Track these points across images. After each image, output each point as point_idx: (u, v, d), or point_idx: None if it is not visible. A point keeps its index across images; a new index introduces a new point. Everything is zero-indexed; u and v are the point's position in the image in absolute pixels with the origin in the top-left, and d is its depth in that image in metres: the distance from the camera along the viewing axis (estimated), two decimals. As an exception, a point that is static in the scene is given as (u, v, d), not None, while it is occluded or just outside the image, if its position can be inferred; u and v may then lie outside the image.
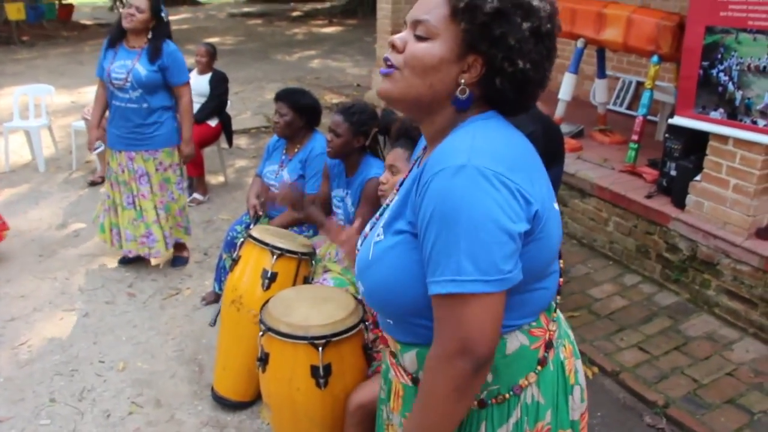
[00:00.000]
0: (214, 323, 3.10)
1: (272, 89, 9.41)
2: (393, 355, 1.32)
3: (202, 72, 5.44)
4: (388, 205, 1.32)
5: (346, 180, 3.04)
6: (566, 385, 1.30)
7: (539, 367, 1.23)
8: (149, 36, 3.76)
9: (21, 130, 6.47)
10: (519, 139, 1.18)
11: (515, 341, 1.20)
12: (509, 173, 1.06)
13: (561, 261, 1.30)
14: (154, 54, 3.72)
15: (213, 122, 5.43)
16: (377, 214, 1.36)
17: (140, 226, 3.99)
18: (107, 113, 3.96)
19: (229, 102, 5.68)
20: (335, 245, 2.88)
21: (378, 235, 1.21)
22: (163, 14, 3.80)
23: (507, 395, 1.22)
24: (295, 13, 22.41)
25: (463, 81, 1.14)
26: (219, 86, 5.44)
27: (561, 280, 1.31)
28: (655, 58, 4.38)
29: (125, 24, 3.68)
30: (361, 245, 1.31)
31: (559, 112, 5.04)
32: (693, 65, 3.66)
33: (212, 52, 5.51)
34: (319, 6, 25.43)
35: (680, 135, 3.93)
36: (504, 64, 1.11)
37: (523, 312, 1.19)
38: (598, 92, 5.41)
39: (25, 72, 11.14)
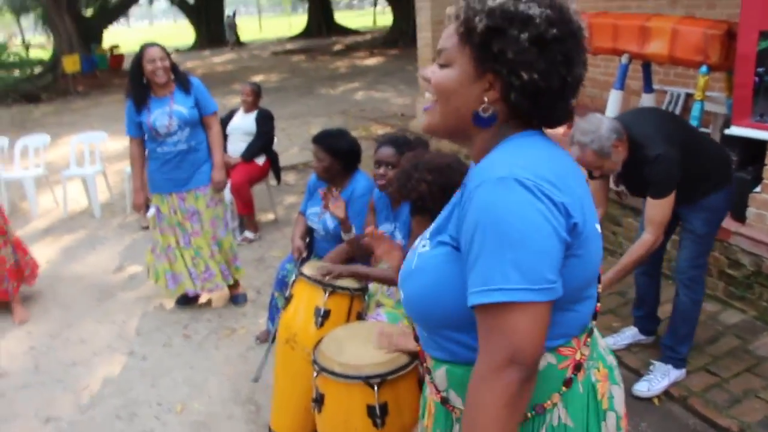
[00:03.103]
0: (256, 379, 3.09)
1: (318, 124, 9.55)
2: (428, 371, 1.33)
3: (248, 110, 5.54)
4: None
5: (393, 213, 3.00)
6: (598, 410, 1.26)
7: (564, 388, 1.20)
8: (172, 78, 3.85)
9: (78, 178, 6.69)
10: (560, 155, 1.19)
11: (543, 360, 1.18)
12: (549, 185, 1.07)
13: (599, 286, 1.29)
14: (186, 90, 3.85)
15: (261, 160, 5.51)
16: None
17: (200, 263, 4.06)
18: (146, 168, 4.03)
19: (275, 139, 5.76)
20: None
21: (423, 246, 1.24)
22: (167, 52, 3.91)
23: (529, 414, 1.20)
24: (336, 47, 22.80)
25: (486, 99, 1.16)
26: (265, 124, 5.52)
27: (598, 305, 1.29)
28: (703, 69, 4.25)
29: (159, 80, 3.75)
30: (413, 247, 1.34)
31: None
32: (748, 72, 3.55)
33: (257, 91, 5.61)
34: (360, 39, 25.86)
35: (736, 145, 3.80)
36: (511, 78, 1.12)
37: (555, 333, 1.16)
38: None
39: (81, 120, 11.58)
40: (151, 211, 4.06)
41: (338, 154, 3.26)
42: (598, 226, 1.21)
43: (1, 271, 4.20)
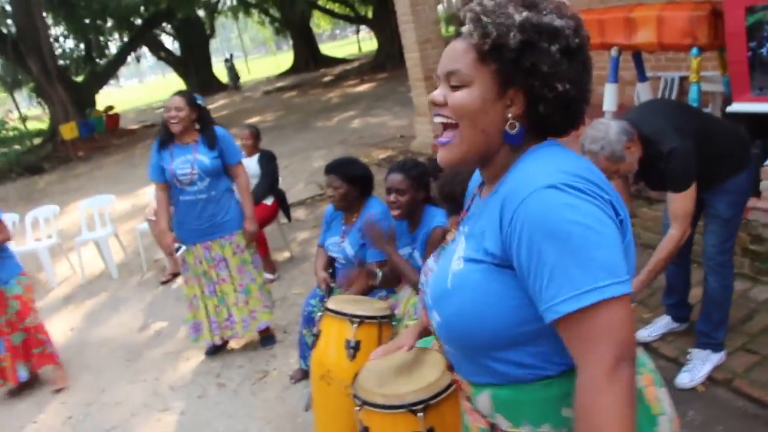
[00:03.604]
0: (308, 408, 3.08)
1: (319, 157, 9.60)
2: (468, 399, 1.30)
3: (249, 154, 5.58)
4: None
5: (410, 236, 3.02)
6: (649, 416, 1.22)
7: None
8: (197, 127, 3.87)
9: (91, 242, 6.75)
10: (582, 158, 1.18)
11: None
12: (593, 186, 1.07)
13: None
14: (211, 142, 3.83)
15: (269, 201, 5.54)
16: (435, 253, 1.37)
17: (222, 310, 4.06)
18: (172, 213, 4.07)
19: (280, 178, 5.79)
20: (412, 302, 2.85)
21: (457, 264, 1.20)
22: (199, 102, 3.89)
23: None
24: (326, 79, 22.98)
25: (510, 115, 1.15)
26: (268, 165, 5.56)
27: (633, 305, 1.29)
28: (694, 51, 4.26)
29: (173, 129, 3.78)
30: (433, 267, 1.31)
31: (609, 123, 4.94)
32: (740, 49, 3.56)
33: (256, 133, 5.66)
34: (348, 67, 26.05)
35: (740, 122, 3.79)
36: (544, 91, 1.11)
37: None
38: (643, 96, 5.29)
39: (86, 185, 11.69)
40: (182, 249, 4.00)
41: (353, 180, 3.31)
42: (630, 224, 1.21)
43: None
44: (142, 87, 66.99)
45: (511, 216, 1.08)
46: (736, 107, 3.68)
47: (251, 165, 5.52)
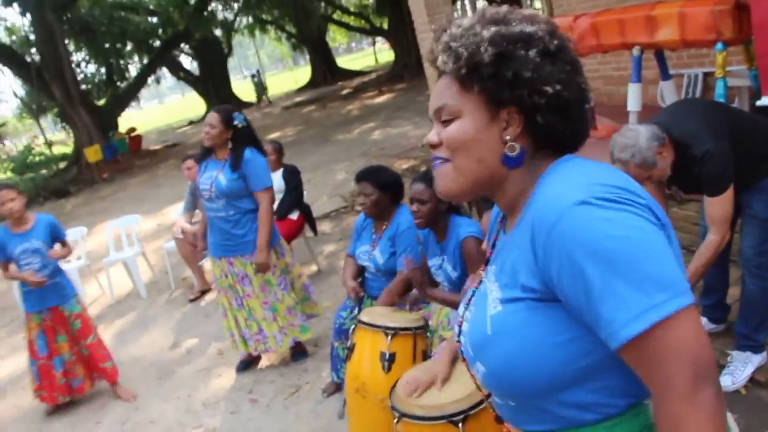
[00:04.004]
0: (342, 415, 3.06)
1: (341, 170, 9.62)
2: None
3: (273, 169, 5.59)
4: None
5: (439, 246, 2.99)
6: None
7: None
8: (229, 146, 3.90)
9: (119, 262, 6.81)
10: (608, 166, 1.09)
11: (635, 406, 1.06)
12: (629, 193, 0.98)
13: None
14: (235, 163, 3.84)
15: (294, 215, 5.56)
16: (464, 302, 1.26)
17: (252, 324, 4.07)
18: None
19: (304, 192, 5.81)
20: (445, 312, 2.83)
21: (494, 308, 1.09)
22: (236, 122, 3.87)
23: None
24: (345, 92, 23.10)
25: (508, 137, 1.09)
26: (293, 179, 5.58)
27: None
28: (719, 46, 4.20)
29: (206, 144, 3.88)
30: (466, 315, 1.21)
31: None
32: (768, 42, 3.49)
33: (279, 149, 5.68)
34: (365, 79, 26.18)
35: (768, 116, 3.72)
36: (534, 98, 1.06)
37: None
38: (666, 94, 5.22)
39: (112, 206, 11.84)
40: (205, 259, 4.27)
41: (385, 187, 3.32)
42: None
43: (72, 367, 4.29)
44: (162, 108, 67.95)
45: (545, 243, 0.99)
46: (766, 101, 3.61)
47: (276, 180, 5.51)
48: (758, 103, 3.71)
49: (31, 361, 4.28)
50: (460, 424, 2.03)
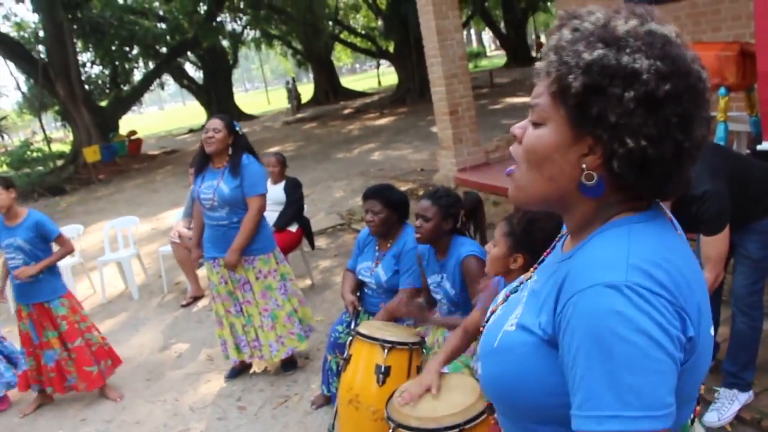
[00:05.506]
0: (332, 429, 3.07)
1: (339, 187, 9.67)
2: None
3: (275, 181, 5.65)
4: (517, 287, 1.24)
5: (439, 264, 3.04)
6: None
7: None
8: (229, 152, 3.93)
9: (113, 262, 6.81)
10: (680, 247, 1.03)
11: None
12: (669, 294, 0.91)
13: (702, 387, 1.09)
14: (234, 170, 3.88)
15: (293, 228, 5.59)
16: (506, 291, 1.29)
17: (250, 331, 4.09)
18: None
19: (304, 206, 5.85)
20: (442, 331, 2.86)
21: (511, 325, 1.10)
22: (237, 128, 3.98)
23: None
24: (346, 111, 23.22)
25: (584, 166, 0.99)
26: (294, 192, 5.62)
27: (697, 408, 1.10)
28: (722, 91, 4.30)
29: (208, 150, 3.87)
30: (487, 322, 1.24)
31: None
32: (771, 90, 3.59)
33: (282, 161, 5.74)
34: (368, 100, 26.32)
35: (766, 160, 3.80)
36: (614, 145, 0.95)
37: None
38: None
39: (107, 207, 11.82)
40: (202, 262, 4.27)
41: (393, 205, 3.35)
42: (712, 330, 1.05)
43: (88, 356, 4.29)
44: (162, 114, 68.00)
45: (565, 303, 0.96)
46: (767, 146, 3.70)
47: (278, 192, 5.58)
48: (759, 147, 3.80)
49: (23, 349, 4.30)
50: (455, 438, 2.06)
